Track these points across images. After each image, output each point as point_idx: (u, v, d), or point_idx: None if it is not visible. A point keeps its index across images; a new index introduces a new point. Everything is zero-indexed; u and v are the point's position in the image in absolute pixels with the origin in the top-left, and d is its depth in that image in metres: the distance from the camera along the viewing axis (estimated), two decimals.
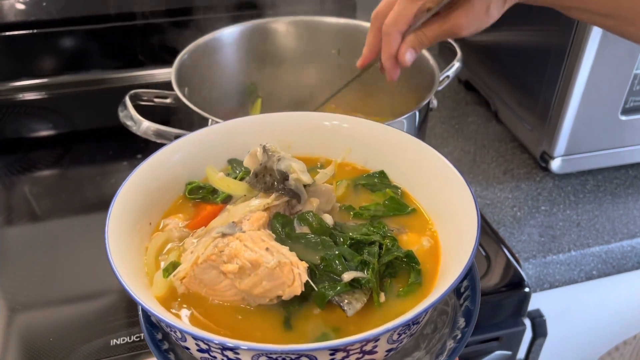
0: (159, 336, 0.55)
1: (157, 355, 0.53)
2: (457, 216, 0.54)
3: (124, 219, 0.54)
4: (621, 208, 1.07)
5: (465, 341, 0.52)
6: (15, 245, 0.95)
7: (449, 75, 1.00)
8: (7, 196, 1.06)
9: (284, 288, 0.49)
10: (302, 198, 0.56)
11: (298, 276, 0.49)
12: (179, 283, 0.51)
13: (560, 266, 0.99)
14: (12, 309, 0.82)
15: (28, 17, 1.15)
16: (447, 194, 0.57)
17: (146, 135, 0.86)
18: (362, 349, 0.45)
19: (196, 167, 0.62)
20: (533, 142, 1.13)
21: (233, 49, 1.10)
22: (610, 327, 1.18)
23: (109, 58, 1.24)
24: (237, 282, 0.49)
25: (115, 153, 1.16)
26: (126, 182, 0.56)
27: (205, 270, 0.50)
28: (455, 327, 0.54)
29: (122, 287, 0.47)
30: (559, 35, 1.00)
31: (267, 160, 0.56)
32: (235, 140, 0.64)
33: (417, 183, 0.62)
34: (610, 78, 0.99)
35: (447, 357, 0.51)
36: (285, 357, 0.44)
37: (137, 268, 0.53)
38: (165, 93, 0.96)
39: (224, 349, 0.44)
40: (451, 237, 0.55)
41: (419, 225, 0.60)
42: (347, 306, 0.50)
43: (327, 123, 0.66)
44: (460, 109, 1.32)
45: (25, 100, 1.20)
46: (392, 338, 0.47)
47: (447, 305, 0.57)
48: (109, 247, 0.50)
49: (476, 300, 0.55)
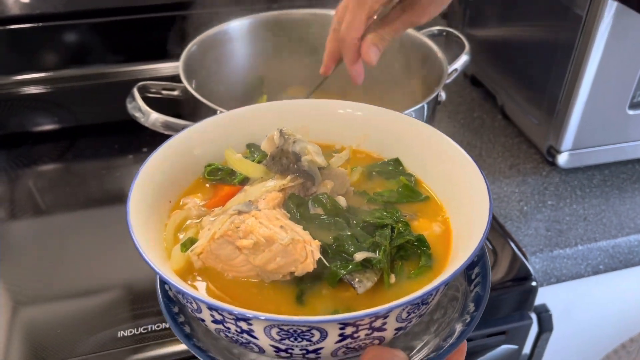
0: (176, 309, 0.56)
1: (173, 327, 0.54)
2: (470, 203, 0.55)
3: (144, 195, 0.55)
4: (628, 202, 1.06)
5: (474, 325, 0.52)
6: (20, 239, 0.95)
7: (457, 68, 1.00)
8: (12, 190, 1.06)
9: (296, 265, 0.50)
10: (316, 180, 0.57)
11: (311, 253, 0.50)
12: (195, 258, 0.53)
13: (567, 260, 0.99)
14: (18, 301, 0.82)
15: (33, 10, 1.15)
16: (460, 182, 0.57)
17: (154, 127, 0.86)
18: (372, 325, 0.46)
19: (215, 150, 0.63)
20: (540, 137, 1.13)
21: (241, 42, 1.09)
22: (617, 322, 1.17)
23: (114, 52, 1.23)
24: (252, 257, 0.51)
25: (121, 147, 1.15)
26: (148, 160, 0.57)
27: (222, 245, 0.51)
28: (465, 312, 0.54)
29: (142, 259, 0.48)
30: (566, 30, 1.00)
31: (284, 143, 0.57)
32: (254, 125, 0.65)
33: (431, 171, 0.63)
34: (618, 72, 0.99)
35: (456, 339, 0.52)
36: (297, 330, 0.44)
37: (156, 243, 0.54)
38: (174, 85, 0.96)
39: (238, 320, 0.45)
40: (463, 224, 0.55)
41: (431, 211, 0.60)
42: (357, 284, 0.50)
43: (342, 111, 0.67)
44: (466, 103, 1.32)
45: (30, 94, 1.20)
46: (401, 316, 0.47)
47: (457, 291, 0.58)
48: (130, 221, 0.50)
49: (487, 286, 0.55)
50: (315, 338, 0.45)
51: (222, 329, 0.48)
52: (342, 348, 0.47)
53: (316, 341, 0.46)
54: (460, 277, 0.58)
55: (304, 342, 0.46)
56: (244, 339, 0.48)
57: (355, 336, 0.46)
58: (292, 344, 0.46)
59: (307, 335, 0.45)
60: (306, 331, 0.45)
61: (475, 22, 1.31)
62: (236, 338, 0.48)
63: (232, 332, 0.48)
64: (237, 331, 0.47)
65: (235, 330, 0.47)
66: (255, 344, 0.48)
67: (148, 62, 1.25)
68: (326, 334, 0.45)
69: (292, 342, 0.46)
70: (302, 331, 0.45)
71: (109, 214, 1.01)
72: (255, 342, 0.47)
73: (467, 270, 0.58)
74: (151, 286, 0.84)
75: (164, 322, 0.78)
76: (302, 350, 0.47)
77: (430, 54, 0.99)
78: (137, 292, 0.83)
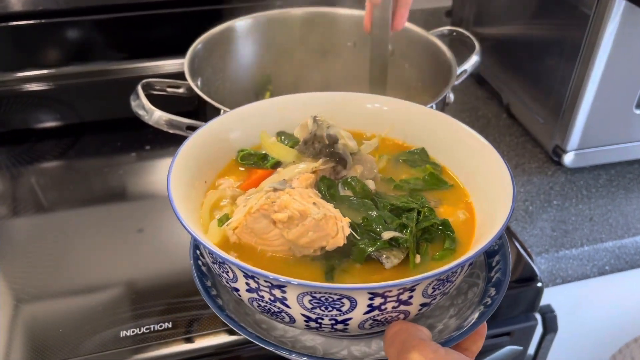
0: (208, 283, 0.59)
1: (206, 299, 0.56)
2: (494, 192, 0.57)
3: (183, 173, 0.58)
4: (634, 203, 1.05)
5: (495, 307, 0.54)
6: (22, 237, 0.95)
7: (467, 69, 0.99)
8: (14, 187, 1.06)
9: (328, 239, 0.53)
10: (348, 163, 0.60)
11: (341, 229, 0.53)
12: (231, 232, 0.55)
13: (573, 261, 0.98)
14: (20, 300, 0.82)
15: (35, 7, 1.14)
16: (484, 171, 0.60)
17: (158, 125, 0.86)
18: (399, 297, 0.48)
19: (248, 136, 0.66)
20: (545, 136, 1.12)
21: (247, 40, 1.09)
22: (622, 323, 1.17)
23: (118, 48, 1.23)
24: (285, 231, 0.53)
25: (123, 144, 1.15)
26: (187, 141, 0.60)
27: (257, 219, 0.54)
28: (486, 295, 0.56)
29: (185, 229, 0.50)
30: (574, 28, 0.99)
31: (317, 128, 0.60)
32: (285, 115, 0.68)
33: (455, 160, 0.65)
34: (625, 71, 0.98)
35: (477, 319, 0.53)
36: (328, 297, 0.47)
37: (193, 219, 0.57)
38: (178, 83, 0.95)
39: (273, 287, 0.48)
40: (487, 212, 0.58)
41: (456, 199, 0.62)
42: (385, 260, 0.53)
43: (370, 105, 0.70)
44: (471, 102, 1.31)
45: (33, 91, 1.19)
46: (427, 291, 0.49)
47: (478, 278, 0.60)
48: (171, 195, 0.53)
49: (507, 272, 0.57)
50: (345, 307, 0.47)
51: (256, 298, 0.50)
52: (369, 320, 0.49)
53: (345, 311, 0.48)
54: (481, 264, 0.61)
55: (334, 311, 0.48)
56: (276, 307, 0.50)
57: (383, 308, 0.48)
58: (322, 312, 0.48)
59: (337, 304, 0.47)
60: (337, 299, 0.47)
61: (480, 20, 1.30)
62: (269, 307, 0.50)
63: (266, 301, 0.50)
64: (271, 299, 0.49)
65: (269, 299, 0.49)
66: (287, 313, 0.50)
67: (152, 59, 1.25)
68: (355, 303, 0.47)
69: (322, 311, 0.48)
70: (333, 299, 0.47)
71: (112, 212, 1.00)
72: (287, 310, 0.49)
73: (487, 258, 0.61)
74: (153, 285, 0.84)
75: (167, 322, 0.77)
76: (331, 320, 0.49)
77: (439, 55, 0.98)
78: (140, 292, 0.82)
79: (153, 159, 1.12)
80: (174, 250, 0.91)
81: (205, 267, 0.60)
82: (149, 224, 0.96)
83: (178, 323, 0.78)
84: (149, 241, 0.93)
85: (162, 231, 0.95)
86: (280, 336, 0.58)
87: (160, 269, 0.88)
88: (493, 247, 0.61)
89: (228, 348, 0.76)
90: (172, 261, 0.89)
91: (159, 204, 1.02)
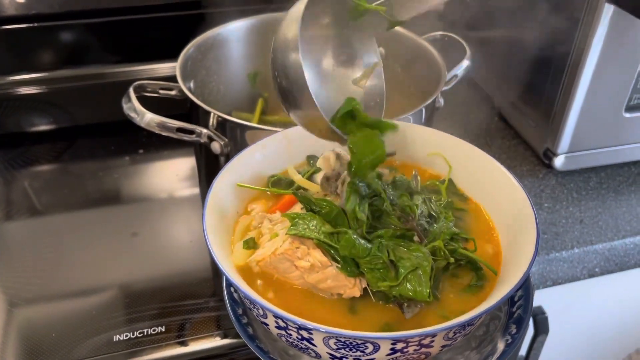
0: (240, 311, 0.61)
1: (238, 328, 0.59)
2: (517, 226, 0.58)
3: (215, 209, 0.61)
4: (624, 205, 1.06)
5: (515, 346, 0.56)
6: (16, 241, 0.95)
7: (458, 74, 0.99)
8: (8, 191, 1.06)
9: (345, 289, 0.56)
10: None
11: (359, 282, 0.55)
12: (254, 264, 0.58)
13: (563, 263, 0.99)
14: (13, 304, 0.82)
15: (29, 10, 1.14)
16: (511, 208, 0.61)
17: (149, 127, 0.86)
18: (420, 342, 0.49)
19: (277, 162, 0.70)
20: (536, 139, 1.13)
21: (241, 43, 1.09)
22: (612, 324, 1.18)
23: (111, 52, 1.23)
24: (306, 275, 0.56)
25: (117, 148, 1.15)
26: (216, 179, 0.63)
27: (281, 261, 0.57)
28: (507, 332, 0.58)
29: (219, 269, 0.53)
30: (564, 32, 1.00)
31: (340, 167, 0.63)
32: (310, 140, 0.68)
33: (482, 193, 0.67)
34: (614, 75, 0.99)
35: (497, 358, 0.55)
36: (353, 342, 0.49)
37: (225, 248, 0.59)
38: (171, 85, 0.95)
39: (300, 329, 0.50)
40: (511, 246, 0.58)
41: (483, 231, 0.63)
42: (406, 309, 0.54)
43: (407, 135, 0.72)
44: (463, 105, 1.31)
45: (26, 94, 1.19)
46: (448, 336, 0.51)
47: (500, 311, 0.61)
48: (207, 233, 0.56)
49: (528, 309, 0.59)
50: (368, 350, 0.49)
51: (284, 335, 0.53)
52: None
53: (369, 353, 0.50)
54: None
55: (358, 352, 0.50)
56: (303, 345, 0.52)
57: (405, 351, 0.50)
58: (347, 353, 0.50)
59: (361, 347, 0.49)
60: (361, 344, 0.49)
61: (473, 24, 1.31)
62: (296, 344, 0.53)
63: (293, 339, 0.52)
64: (298, 338, 0.51)
65: (297, 337, 0.51)
66: (314, 350, 0.52)
67: (146, 63, 1.25)
68: (379, 347, 0.49)
69: (347, 351, 0.50)
70: (357, 344, 0.49)
71: (106, 216, 1.01)
72: (314, 349, 0.52)
73: None
74: (147, 289, 0.85)
75: (160, 326, 0.78)
76: (355, 359, 0.51)
77: (430, 59, 0.98)
78: (133, 296, 0.83)
79: (147, 162, 1.12)
80: (167, 254, 0.91)
81: (237, 294, 0.62)
82: (143, 227, 0.96)
83: (171, 327, 0.78)
84: (143, 245, 0.93)
85: (156, 235, 0.96)
86: None
87: (154, 272, 0.88)
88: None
89: (221, 351, 0.76)
90: (166, 265, 0.89)
91: (153, 208, 1.02)
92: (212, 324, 0.78)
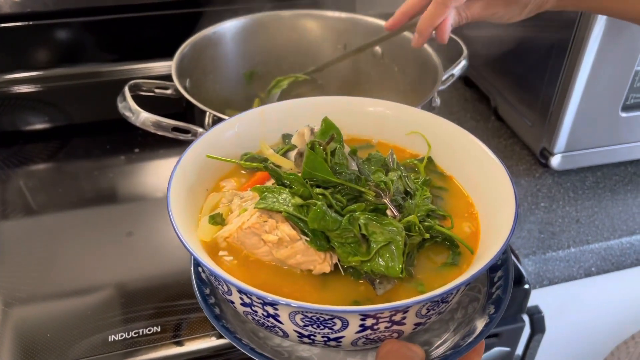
0: (207, 291, 0.59)
1: (204, 308, 0.57)
2: (497, 205, 0.57)
3: (182, 183, 0.59)
4: (620, 205, 1.06)
5: (493, 326, 0.54)
6: (11, 240, 0.94)
7: (454, 73, 0.99)
8: (3, 190, 1.05)
9: (314, 264, 0.53)
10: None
11: (329, 257, 0.53)
12: (221, 240, 0.56)
13: (560, 263, 0.99)
14: (7, 304, 0.81)
15: (23, 8, 1.13)
16: (489, 184, 0.60)
17: (145, 126, 0.86)
18: (391, 318, 0.48)
19: (251, 141, 0.68)
20: (533, 139, 1.13)
21: (237, 41, 1.09)
22: (608, 323, 1.18)
23: (107, 50, 1.22)
24: (275, 251, 0.54)
25: (113, 147, 1.14)
26: (185, 152, 0.60)
27: (248, 235, 0.54)
28: (485, 313, 0.56)
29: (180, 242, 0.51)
30: (560, 31, 1.00)
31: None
32: (289, 118, 0.70)
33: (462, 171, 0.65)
34: (611, 75, 0.99)
35: (474, 338, 0.53)
36: (320, 317, 0.47)
37: (191, 226, 0.57)
38: (166, 84, 0.95)
39: (265, 304, 0.48)
40: (491, 225, 0.57)
41: (462, 209, 0.62)
42: (378, 286, 0.52)
43: (372, 109, 0.71)
44: (460, 104, 1.31)
45: (21, 93, 1.18)
46: (420, 312, 0.49)
47: (479, 292, 0.60)
48: (170, 207, 0.54)
49: (508, 290, 0.57)
50: (336, 327, 0.48)
51: (250, 312, 0.51)
52: (361, 338, 0.49)
53: (337, 330, 0.48)
54: (482, 279, 0.60)
55: (326, 329, 0.48)
56: (269, 322, 0.50)
57: (375, 328, 0.48)
58: (314, 330, 0.49)
59: (329, 323, 0.48)
60: (328, 319, 0.47)
61: (469, 23, 1.30)
62: (262, 321, 0.51)
63: (259, 316, 0.50)
64: (264, 315, 0.50)
65: (262, 314, 0.50)
66: (280, 329, 0.50)
67: (142, 61, 1.24)
68: (347, 323, 0.47)
69: (314, 329, 0.48)
70: (324, 319, 0.47)
71: (101, 215, 1.00)
72: (280, 326, 0.50)
73: (489, 273, 0.60)
74: (142, 289, 0.84)
75: (156, 326, 0.77)
76: (323, 337, 0.49)
77: (427, 59, 0.98)
78: (129, 295, 0.82)
79: (142, 161, 1.11)
80: (163, 253, 0.91)
81: (204, 274, 0.60)
82: (138, 227, 0.96)
83: (167, 327, 0.78)
84: (138, 244, 0.93)
85: (151, 234, 0.95)
86: (277, 345, 0.58)
87: (149, 272, 0.88)
88: (497, 262, 0.60)
89: (218, 351, 0.76)
90: (162, 265, 0.89)
91: (149, 207, 1.02)
92: (207, 324, 0.78)
